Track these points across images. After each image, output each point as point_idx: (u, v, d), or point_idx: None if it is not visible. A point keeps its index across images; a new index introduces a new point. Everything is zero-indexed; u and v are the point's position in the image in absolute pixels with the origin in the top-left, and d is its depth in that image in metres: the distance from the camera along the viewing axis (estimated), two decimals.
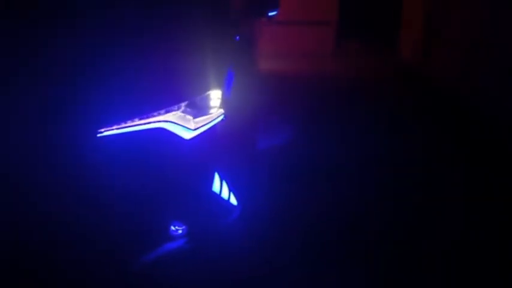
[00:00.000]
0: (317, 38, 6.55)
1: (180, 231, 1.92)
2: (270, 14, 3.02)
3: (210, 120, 1.93)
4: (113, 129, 1.70)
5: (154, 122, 1.76)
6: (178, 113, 1.85)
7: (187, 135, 1.84)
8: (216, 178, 1.98)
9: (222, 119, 1.98)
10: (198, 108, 1.92)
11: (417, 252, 2.30)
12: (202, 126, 1.90)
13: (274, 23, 6.52)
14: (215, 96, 1.97)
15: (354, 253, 2.28)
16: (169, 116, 1.81)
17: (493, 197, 2.89)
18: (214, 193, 1.99)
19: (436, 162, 3.38)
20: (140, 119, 1.75)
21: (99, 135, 1.68)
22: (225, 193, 2.04)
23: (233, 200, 2.09)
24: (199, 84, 1.93)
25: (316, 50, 6.55)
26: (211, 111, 1.95)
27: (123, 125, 1.72)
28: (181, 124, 1.83)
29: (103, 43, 1.81)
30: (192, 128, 1.86)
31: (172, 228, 1.93)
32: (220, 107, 1.98)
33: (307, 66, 6.20)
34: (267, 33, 6.39)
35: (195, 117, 1.91)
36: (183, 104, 1.87)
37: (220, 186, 2.01)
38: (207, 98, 1.95)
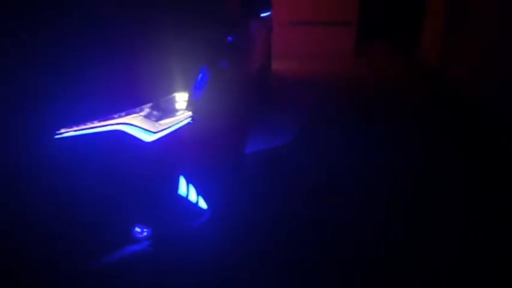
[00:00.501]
0: (337, 38, 6.42)
1: (144, 234, 1.92)
2: (262, 14, 2.98)
3: (174, 123, 1.91)
4: (71, 131, 1.72)
5: (112, 124, 1.76)
6: (140, 115, 1.84)
7: (148, 138, 1.83)
8: (182, 181, 1.96)
9: (189, 122, 1.95)
10: (162, 111, 1.90)
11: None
12: (165, 129, 1.88)
13: (293, 24, 6.48)
14: (181, 99, 1.95)
15: (320, 259, 2.21)
16: (129, 119, 1.80)
17: None
18: (180, 196, 1.96)
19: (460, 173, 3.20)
20: (100, 121, 1.75)
21: (58, 136, 1.70)
22: (192, 196, 2.01)
23: (202, 204, 2.06)
24: (163, 86, 1.92)
25: (337, 51, 6.43)
26: (177, 113, 1.94)
27: (82, 127, 1.73)
28: (142, 127, 1.82)
29: (63, 42, 1.82)
30: (154, 130, 1.84)
31: (137, 230, 1.93)
32: (187, 110, 1.96)
33: (327, 67, 6.09)
34: (286, 34, 6.36)
35: (158, 119, 1.89)
36: (145, 106, 1.86)
37: (187, 190, 1.98)
38: (172, 101, 1.93)
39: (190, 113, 1.96)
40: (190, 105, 1.97)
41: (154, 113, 1.91)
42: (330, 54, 6.44)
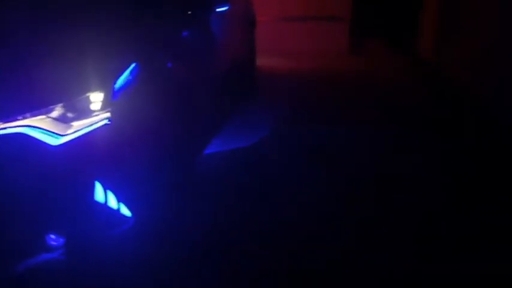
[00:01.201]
0: (330, 35, 6.20)
1: (57, 242, 1.82)
2: (218, 9, 2.84)
3: (87, 125, 1.80)
4: None
5: (13, 127, 1.66)
6: (49, 116, 1.74)
7: (54, 141, 1.72)
8: (98, 187, 1.85)
9: (106, 124, 1.84)
10: (76, 112, 1.80)
11: None
12: (76, 131, 1.77)
13: (282, 19, 6.30)
14: (96, 99, 1.84)
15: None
16: (34, 121, 1.70)
17: None
18: (97, 203, 1.85)
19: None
20: (0, 122, 1.66)
21: None
22: (112, 203, 1.90)
23: (125, 211, 1.95)
24: (76, 85, 1.81)
25: (330, 48, 6.21)
26: (92, 115, 1.83)
27: None
28: (47, 129, 1.72)
29: None
30: (62, 133, 1.74)
31: (52, 238, 1.84)
32: (104, 111, 1.85)
33: (318, 65, 5.89)
34: (274, 30, 6.18)
35: (71, 121, 1.79)
36: (55, 107, 1.76)
37: (105, 196, 1.87)
38: (87, 101, 1.82)
39: (107, 115, 1.85)
40: (109, 106, 1.85)
41: (68, 114, 1.81)
42: (322, 51, 6.22)
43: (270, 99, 4.68)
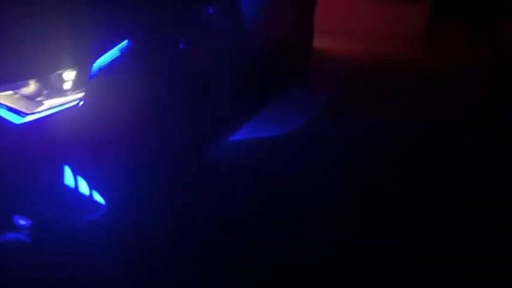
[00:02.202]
0: (406, 17, 5.58)
1: (24, 223, 1.76)
2: None
3: (57, 104, 1.68)
4: None
5: None
6: (14, 93, 1.64)
7: (18, 119, 1.63)
8: (68, 172, 1.74)
9: (77, 105, 1.70)
10: (44, 90, 1.68)
11: None
12: (43, 111, 1.66)
13: None
14: (68, 77, 1.70)
15: None
16: None
17: None
18: (67, 188, 1.75)
19: None
20: None
21: None
22: (84, 189, 1.79)
23: (98, 198, 1.83)
24: (47, 60, 1.68)
25: (405, 32, 5.60)
26: (63, 94, 1.70)
27: None
28: (11, 107, 1.62)
29: None
30: (27, 112, 1.64)
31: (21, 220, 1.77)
32: (78, 90, 1.71)
33: (387, 51, 5.34)
34: (337, 8, 5.69)
35: (37, 100, 1.68)
36: (23, 83, 1.66)
37: (75, 181, 1.76)
38: (58, 79, 1.70)
39: (81, 95, 1.72)
40: (84, 85, 1.72)
41: (39, 91, 1.70)
42: (396, 34, 5.61)
43: (321, 85, 4.33)
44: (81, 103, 1.71)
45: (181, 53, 2.25)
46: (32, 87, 1.67)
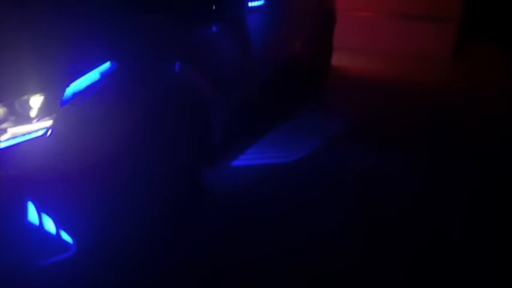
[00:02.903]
0: (433, 36, 5.28)
1: None
2: (251, 3, 2.37)
3: (23, 133, 1.50)
4: None
5: None
6: None
7: None
8: (31, 208, 1.55)
9: (45, 134, 1.52)
10: (10, 116, 1.51)
11: None
12: (6, 140, 1.48)
13: (382, 15, 5.53)
14: (35, 103, 1.53)
15: None
16: None
17: None
18: (30, 225, 1.56)
19: None
20: None
21: None
22: (50, 227, 1.60)
23: (66, 237, 1.63)
24: (13, 83, 1.51)
25: (431, 51, 5.31)
26: (30, 121, 1.52)
27: None
28: None
29: None
30: None
31: None
32: (46, 118, 1.53)
33: (411, 72, 5.04)
34: (357, 24, 5.45)
35: (10, 126, 1.51)
36: None
37: (39, 219, 1.57)
38: (25, 104, 1.52)
39: (49, 123, 1.53)
40: (53, 112, 1.53)
41: (9, 117, 1.53)
42: (422, 54, 5.34)
43: (338, 107, 4.07)
44: (49, 132, 1.53)
45: (177, 76, 2.06)
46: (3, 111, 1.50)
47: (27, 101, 1.52)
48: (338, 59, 4.92)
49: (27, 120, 1.52)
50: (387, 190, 2.66)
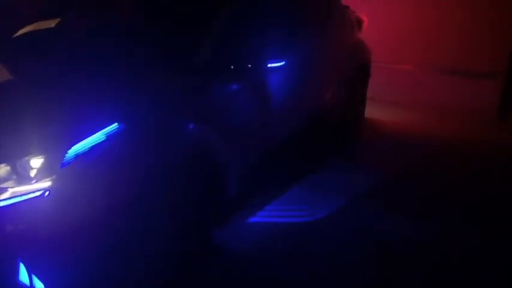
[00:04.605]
0: (477, 92, 5.06)
1: None
2: (271, 64, 2.36)
3: (20, 193, 1.52)
4: None
5: None
6: None
7: None
8: (23, 269, 1.54)
9: (43, 195, 1.53)
10: (11, 175, 1.53)
11: None
12: (4, 199, 1.50)
13: (423, 69, 5.41)
14: (36, 164, 1.54)
15: None
16: None
17: None
18: (22, 286, 1.55)
19: None
20: None
21: None
22: None
23: None
24: (14, 144, 1.54)
25: (475, 109, 5.06)
26: (29, 182, 1.53)
27: None
28: None
29: None
30: None
31: None
32: (46, 178, 1.54)
33: (456, 130, 4.77)
34: (395, 76, 5.33)
35: (12, 186, 1.53)
36: None
37: (30, 280, 1.56)
38: (25, 164, 1.54)
39: (47, 184, 1.54)
40: (52, 173, 1.54)
41: (12, 177, 1.55)
42: (462, 111, 5.10)
43: (367, 165, 3.91)
44: (47, 193, 1.53)
45: (188, 137, 2.04)
46: (7, 171, 1.53)
47: (28, 162, 1.54)
48: (376, 112, 4.82)
49: (28, 180, 1.54)
50: (403, 264, 2.46)
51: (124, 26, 2.42)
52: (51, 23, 2.77)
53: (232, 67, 2.21)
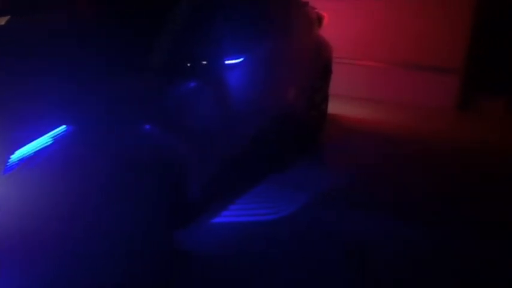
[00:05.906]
0: (435, 87, 5.20)
1: None
2: (228, 61, 2.32)
3: None
4: None
5: None
6: None
7: None
8: None
9: None
10: None
11: None
12: None
13: (385, 64, 5.50)
14: None
15: None
16: None
17: None
18: None
19: None
20: None
21: None
22: None
23: None
24: None
25: (433, 103, 5.20)
26: None
27: None
28: None
29: None
30: None
31: None
32: None
33: (411, 124, 4.90)
34: (368, 75, 5.41)
35: None
36: None
37: None
38: None
39: None
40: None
41: None
42: (420, 105, 5.23)
43: (332, 160, 3.95)
44: None
45: (144, 138, 1.97)
46: None
47: None
48: (339, 108, 4.87)
49: None
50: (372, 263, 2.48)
51: (75, 25, 2.34)
52: (1, 21, 2.65)
53: (188, 65, 2.16)
